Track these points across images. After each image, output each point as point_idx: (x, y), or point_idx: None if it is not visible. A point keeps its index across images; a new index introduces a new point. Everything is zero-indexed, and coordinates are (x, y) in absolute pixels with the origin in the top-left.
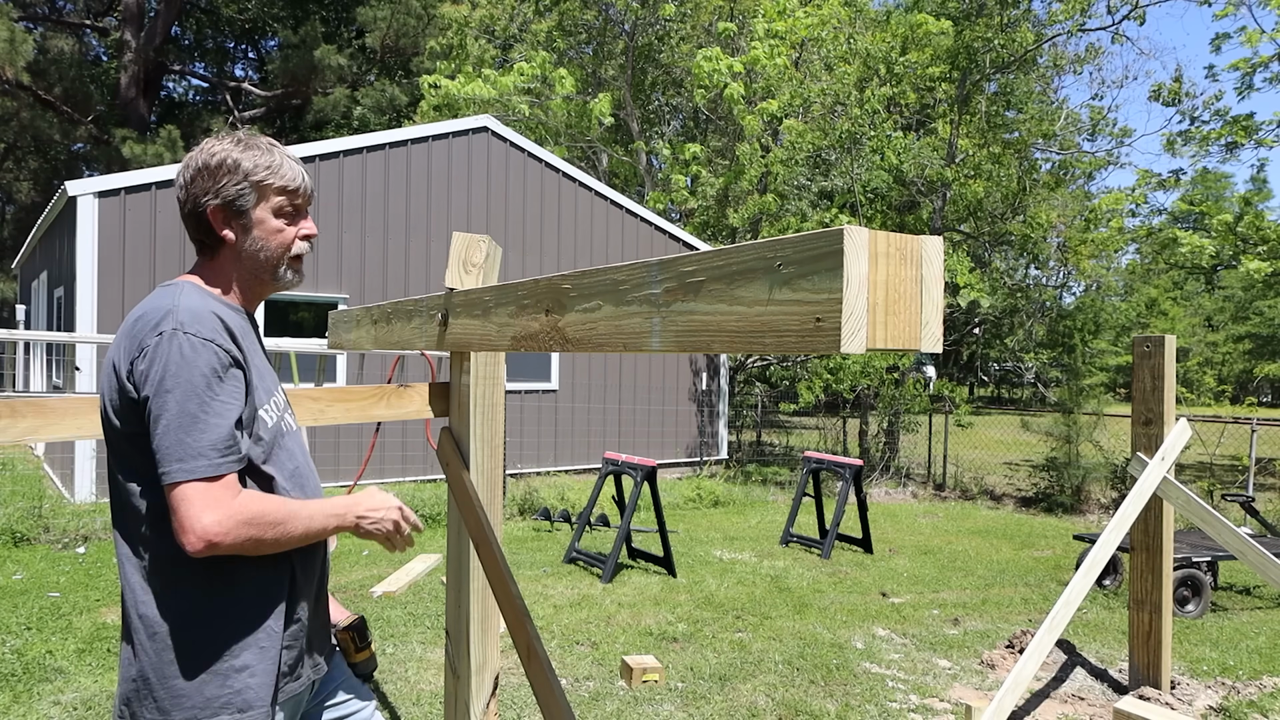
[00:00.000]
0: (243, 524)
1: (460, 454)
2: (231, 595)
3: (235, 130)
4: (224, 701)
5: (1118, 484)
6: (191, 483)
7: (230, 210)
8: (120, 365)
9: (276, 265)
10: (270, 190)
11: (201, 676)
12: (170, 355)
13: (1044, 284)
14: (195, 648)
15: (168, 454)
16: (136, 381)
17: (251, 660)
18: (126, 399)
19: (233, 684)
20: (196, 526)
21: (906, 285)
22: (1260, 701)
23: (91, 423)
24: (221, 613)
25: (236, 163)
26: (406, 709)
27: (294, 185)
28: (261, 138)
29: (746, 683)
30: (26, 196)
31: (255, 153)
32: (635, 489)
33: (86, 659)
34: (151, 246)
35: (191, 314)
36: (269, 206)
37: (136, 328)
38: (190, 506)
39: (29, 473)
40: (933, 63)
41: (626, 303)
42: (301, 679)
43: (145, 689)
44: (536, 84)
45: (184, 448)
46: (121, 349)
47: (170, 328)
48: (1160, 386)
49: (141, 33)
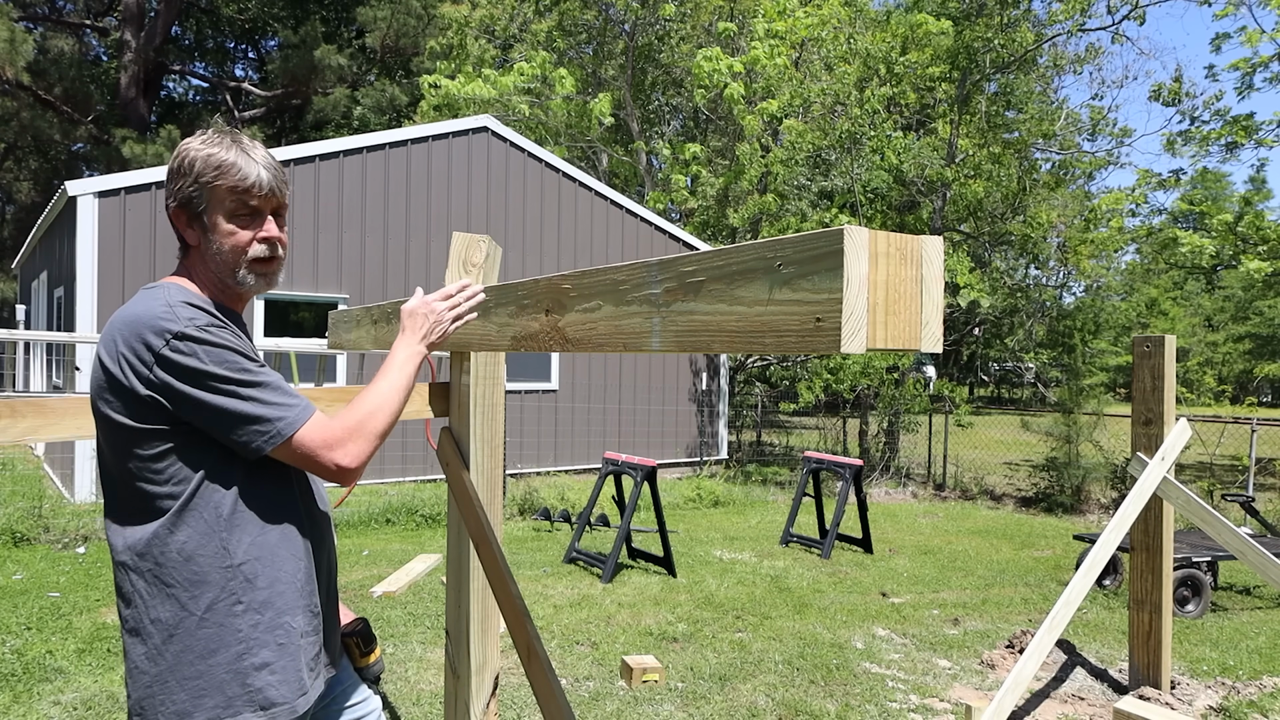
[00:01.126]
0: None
1: (460, 454)
2: (249, 591)
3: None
4: (246, 699)
5: (1118, 484)
6: (301, 431)
7: (188, 212)
8: (128, 374)
9: (234, 269)
10: (220, 191)
11: (222, 676)
12: (199, 349)
13: (1044, 284)
14: (213, 646)
15: (264, 419)
16: (166, 388)
17: (271, 657)
18: (143, 404)
19: (253, 682)
20: (331, 464)
21: (906, 285)
22: (1260, 701)
23: (91, 423)
24: (239, 609)
25: (192, 163)
26: (406, 709)
27: (245, 185)
28: (230, 135)
29: (746, 683)
30: (26, 196)
31: (211, 150)
32: (635, 489)
33: (86, 659)
34: (151, 246)
35: (189, 310)
36: (221, 208)
37: (129, 334)
38: (316, 445)
39: (29, 473)
40: (933, 63)
41: (626, 303)
42: (321, 677)
43: (163, 692)
44: (536, 84)
45: (270, 408)
46: (120, 359)
47: (181, 326)
48: (1160, 386)
49: (141, 33)
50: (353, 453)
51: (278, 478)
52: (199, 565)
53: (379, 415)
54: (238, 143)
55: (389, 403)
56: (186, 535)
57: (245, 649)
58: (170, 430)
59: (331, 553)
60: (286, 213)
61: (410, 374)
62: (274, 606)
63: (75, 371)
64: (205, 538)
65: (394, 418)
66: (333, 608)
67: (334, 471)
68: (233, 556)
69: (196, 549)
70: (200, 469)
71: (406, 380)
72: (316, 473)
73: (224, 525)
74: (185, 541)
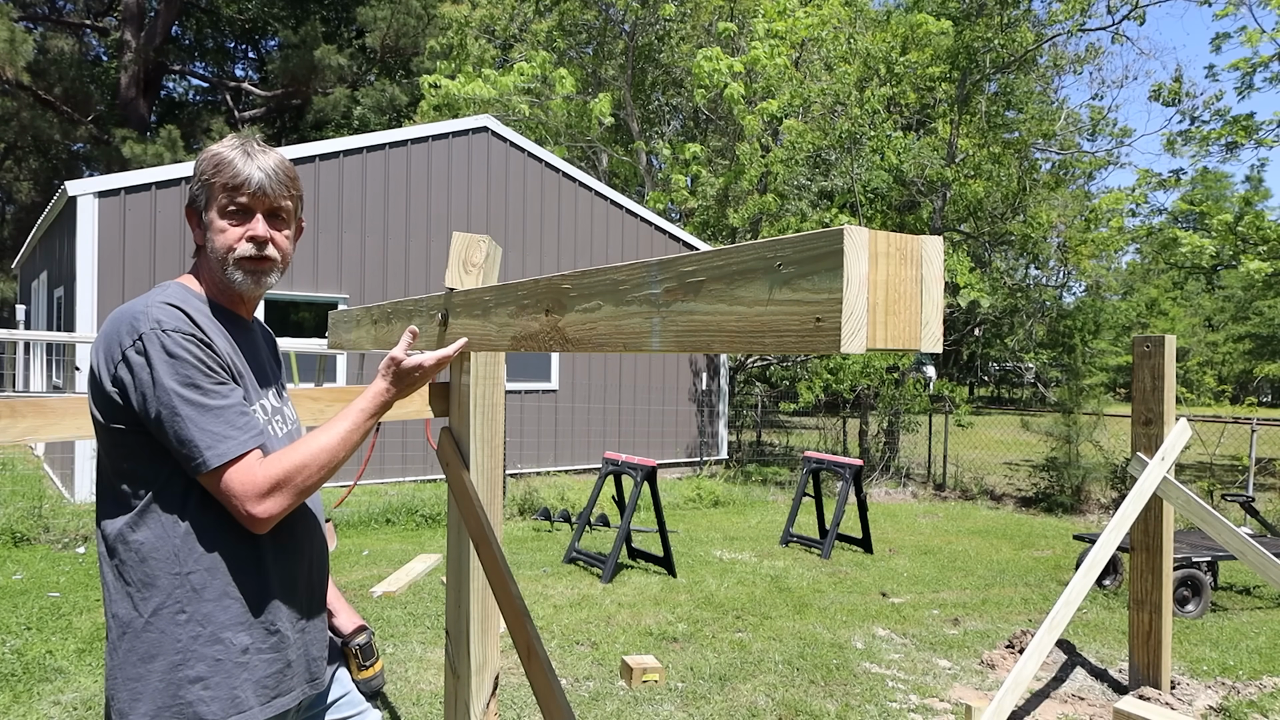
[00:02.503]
0: (281, 493)
1: (460, 454)
2: (194, 602)
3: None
4: (175, 711)
5: (1118, 484)
6: (228, 466)
7: (194, 210)
8: (101, 370)
9: (223, 265)
10: (215, 189)
11: (156, 684)
12: (156, 355)
13: (1044, 284)
14: (154, 651)
15: (194, 445)
16: (123, 388)
17: (206, 672)
18: (109, 401)
19: (184, 695)
20: (243, 510)
21: (906, 285)
22: (1260, 701)
23: (91, 423)
24: (181, 618)
25: (201, 163)
26: (406, 709)
27: (235, 182)
28: (247, 140)
29: (746, 683)
30: (26, 196)
31: (219, 151)
32: (635, 489)
33: (86, 659)
34: (151, 246)
35: (165, 311)
36: (216, 206)
37: (110, 330)
38: (234, 489)
39: (29, 473)
40: (933, 63)
41: (626, 303)
42: (284, 697)
43: (113, 687)
44: (536, 84)
45: (204, 434)
46: (100, 354)
47: (147, 328)
48: (1160, 386)
49: (141, 33)
50: (269, 507)
51: None
52: (151, 567)
53: (310, 470)
54: (245, 145)
55: (331, 458)
56: (144, 535)
57: (182, 660)
58: (130, 430)
59: (316, 562)
60: (290, 218)
61: (365, 425)
62: (216, 621)
63: (75, 371)
64: (160, 540)
65: (329, 473)
66: (315, 620)
67: (245, 518)
68: (182, 564)
69: (151, 551)
70: (160, 472)
71: (358, 432)
72: (231, 511)
73: (178, 532)
74: (142, 542)
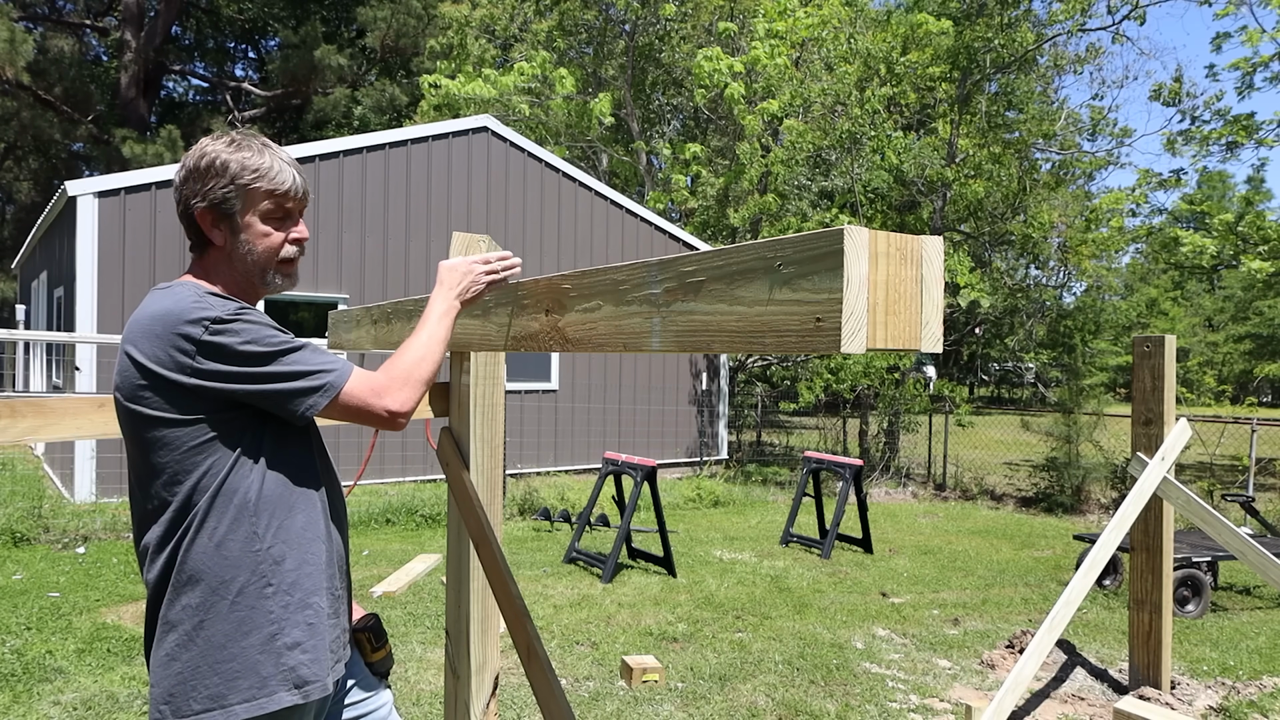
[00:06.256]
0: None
1: (460, 454)
2: (277, 573)
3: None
4: (281, 679)
5: (1118, 484)
6: (349, 384)
7: (218, 213)
8: (166, 366)
9: (264, 270)
10: (258, 194)
11: (256, 657)
12: (237, 326)
13: (1044, 284)
14: (246, 628)
15: (318, 373)
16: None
17: (302, 637)
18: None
19: (287, 661)
20: (383, 411)
21: (907, 285)
22: (1260, 701)
23: (91, 423)
24: (269, 590)
25: (225, 165)
26: (406, 709)
27: (283, 189)
28: (256, 138)
29: (746, 683)
30: (26, 196)
31: (245, 154)
32: (635, 489)
33: (86, 659)
34: (151, 246)
35: (210, 298)
36: (256, 210)
37: (160, 329)
38: (367, 397)
39: (29, 473)
40: (933, 63)
41: (626, 303)
42: (341, 662)
43: (194, 678)
44: (537, 84)
45: (316, 368)
46: (158, 351)
47: (213, 313)
48: (1160, 386)
49: (141, 33)
50: (401, 399)
51: (301, 462)
52: (229, 551)
53: (423, 364)
54: (267, 146)
55: (431, 353)
56: (216, 522)
57: (277, 629)
58: (209, 420)
59: (347, 537)
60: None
61: (448, 326)
62: (302, 587)
63: (75, 371)
64: (235, 524)
65: (436, 366)
66: (348, 593)
67: (385, 418)
68: (261, 540)
69: (227, 535)
70: (231, 457)
71: (445, 332)
72: (369, 422)
73: (252, 510)
74: (215, 528)
